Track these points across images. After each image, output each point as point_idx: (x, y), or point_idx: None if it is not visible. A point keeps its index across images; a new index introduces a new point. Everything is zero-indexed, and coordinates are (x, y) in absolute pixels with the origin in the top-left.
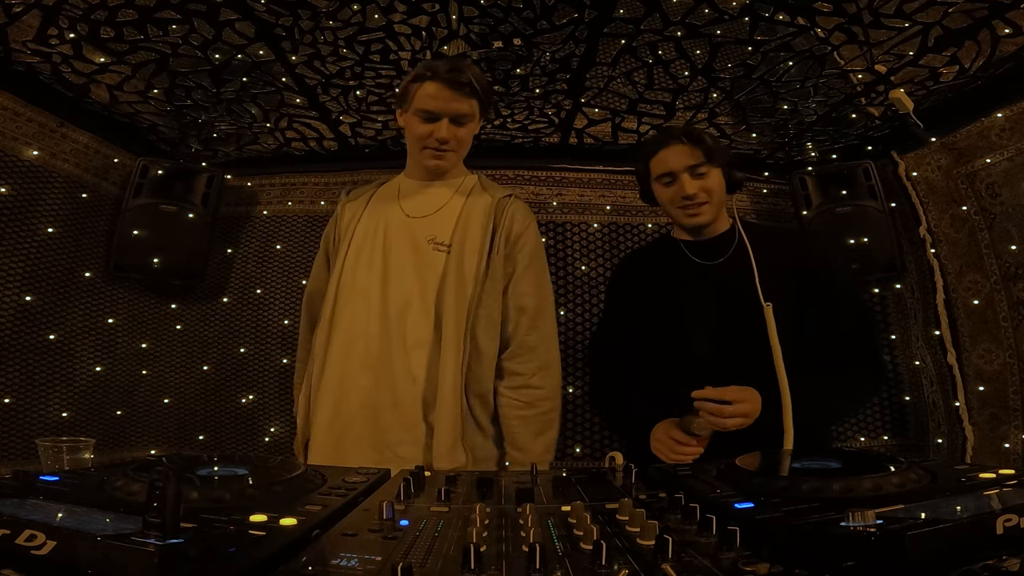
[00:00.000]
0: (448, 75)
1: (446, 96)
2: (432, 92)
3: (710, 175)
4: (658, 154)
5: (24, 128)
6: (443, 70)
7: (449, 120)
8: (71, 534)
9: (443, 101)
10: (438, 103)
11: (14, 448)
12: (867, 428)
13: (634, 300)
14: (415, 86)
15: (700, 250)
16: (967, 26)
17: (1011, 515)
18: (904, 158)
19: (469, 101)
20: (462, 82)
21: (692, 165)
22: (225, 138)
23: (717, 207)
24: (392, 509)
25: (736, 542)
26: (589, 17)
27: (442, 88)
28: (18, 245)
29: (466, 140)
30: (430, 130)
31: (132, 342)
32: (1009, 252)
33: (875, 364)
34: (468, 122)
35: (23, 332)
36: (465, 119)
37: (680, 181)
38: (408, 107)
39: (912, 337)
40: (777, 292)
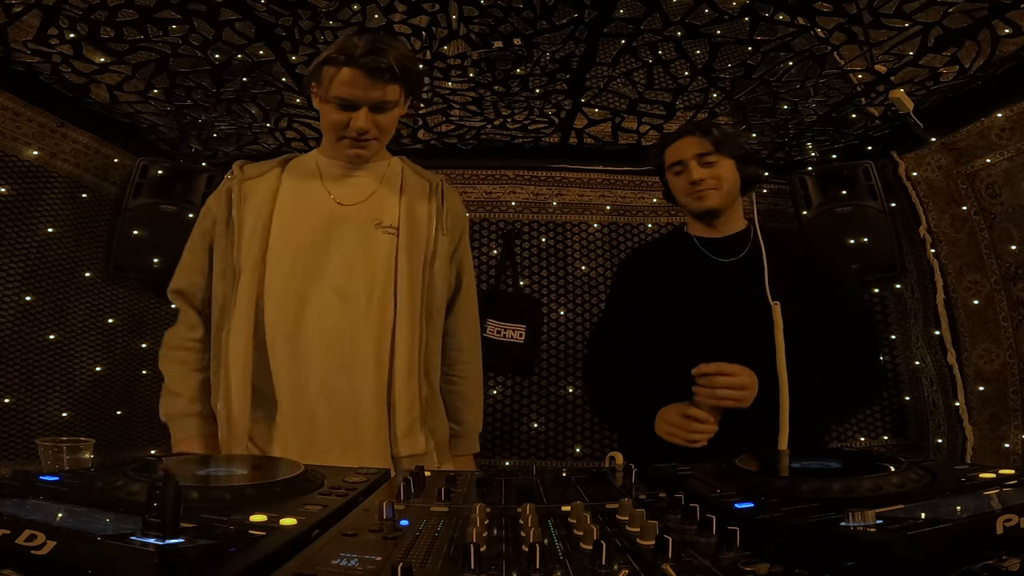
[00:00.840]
0: (364, 60)
1: (363, 84)
2: (347, 79)
3: (719, 164)
4: (672, 145)
5: (24, 128)
6: (359, 54)
7: (368, 108)
8: (71, 534)
9: (361, 89)
10: (355, 91)
11: (14, 448)
12: (867, 428)
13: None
14: (329, 70)
15: (713, 247)
16: (967, 26)
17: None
18: (904, 158)
19: (390, 87)
20: (381, 68)
21: (700, 153)
22: (225, 138)
23: (727, 196)
24: (392, 509)
25: (736, 542)
26: (589, 17)
27: (358, 75)
28: (18, 245)
29: (389, 127)
30: (347, 119)
31: (132, 342)
32: (1009, 252)
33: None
34: (391, 108)
35: (23, 332)
36: (387, 106)
37: (688, 168)
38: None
39: (912, 337)
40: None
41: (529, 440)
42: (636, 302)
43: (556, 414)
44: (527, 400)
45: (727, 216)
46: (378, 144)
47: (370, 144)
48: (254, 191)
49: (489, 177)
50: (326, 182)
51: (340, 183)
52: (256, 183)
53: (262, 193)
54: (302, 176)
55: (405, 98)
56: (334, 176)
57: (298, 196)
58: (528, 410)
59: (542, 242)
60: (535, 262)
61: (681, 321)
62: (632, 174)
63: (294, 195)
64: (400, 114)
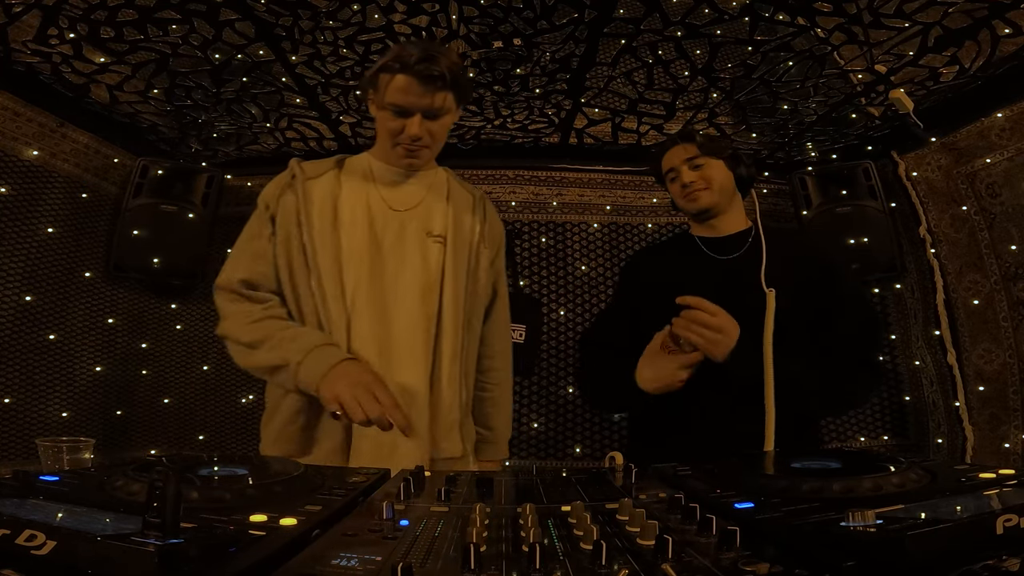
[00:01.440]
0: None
1: (417, 91)
2: (402, 86)
3: (708, 165)
4: (663, 156)
5: (24, 128)
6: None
7: (422, 115)
8: (71, 534)
9: (415, 96)
10: (409, 98)
11: (14, 448)
12: (867, 428)
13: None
14: (385, 77)
15: (714, 246)
16: (967, 26)
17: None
18: (904, 158)
19: (443, 95)
20: (434, 75)
21: (688, 158)
22: (225, 138)
23: (718, 195)
24: (392, 509)
25: (736, 542)
26: (589, 17)
27: (413, 82)
28: (18, 245)
29: (441, 135)
30: (401, 126)
31: (132, 342)
32: (1009, 252)
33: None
34: (443, 116)
35: (23, 332)
36: (439, 113)
37: (680, 173)
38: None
39: (912, 337)
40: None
41: (529, 440)
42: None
43: (556, 414)
44: (527, 400)
45: (727, 216)
46: (429, 152)
47: (422, 152)
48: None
49: (489, 177)
50: (380, 186)
51: (393, 188)
52: (316, 183)
53: (323, 195)
54: (358, 179)
55: (456, 105)
56: (387, 181)
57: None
58: (528, 410)
59: (542, 242)
60: (535, 262)
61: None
62: (632, 174)
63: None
64: (452, 121)
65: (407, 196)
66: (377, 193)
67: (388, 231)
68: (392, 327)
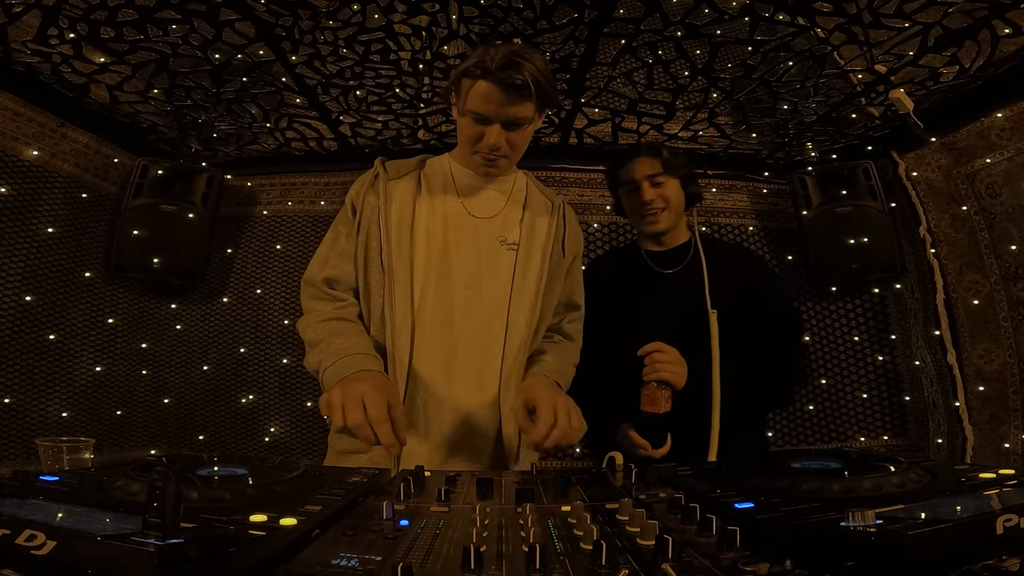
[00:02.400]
0: (502, 75)
1: (499, 99)
2: (484, 93)
3: (667, 184)
4: (625, 165)
5: (24, 128)
6: (497, 68)
7: (501, 125)
8: (71, 534)
9: (496, 105)
10: (490, 107)
11: (14, 448)
12: (867, 428)
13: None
14: (467, 82)
15: (659, 259)
16: (967, 26)
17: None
18: (904, 158)
19: (525, 104)
20: (517, 84)
21: (651, 174)
22: (225, 138)
23: (674, 215)
24: (392, 509)
25: (736, 542)
26: (589, 17)
27: (494, 90)
28: (18, 245)
29: (521, 145)
30: (481, 133)
31: (132, 342)
32: (1009, 252)
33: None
34: (524, 125)
35: (23, 332)
36: (520, 123)
37: (640, 189)
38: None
39: (912, 337)
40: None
41: None
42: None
43: None
44: None
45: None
46: (508, 162)
47: (499, 162)
48: (396, 193)
49: None
50: (459, 191)
51: (472, 194)
52: (398, 184)
53: (402, 196)
54: (438, 183)
55: (540, 114)
56: (466, 187)
57: (435, 204)
58: None
59: None
60: None
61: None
62: None
63: (432, 202)
64: (533, 130)
65: (485, 203)
66: (456, 198)
67: (463, 238)
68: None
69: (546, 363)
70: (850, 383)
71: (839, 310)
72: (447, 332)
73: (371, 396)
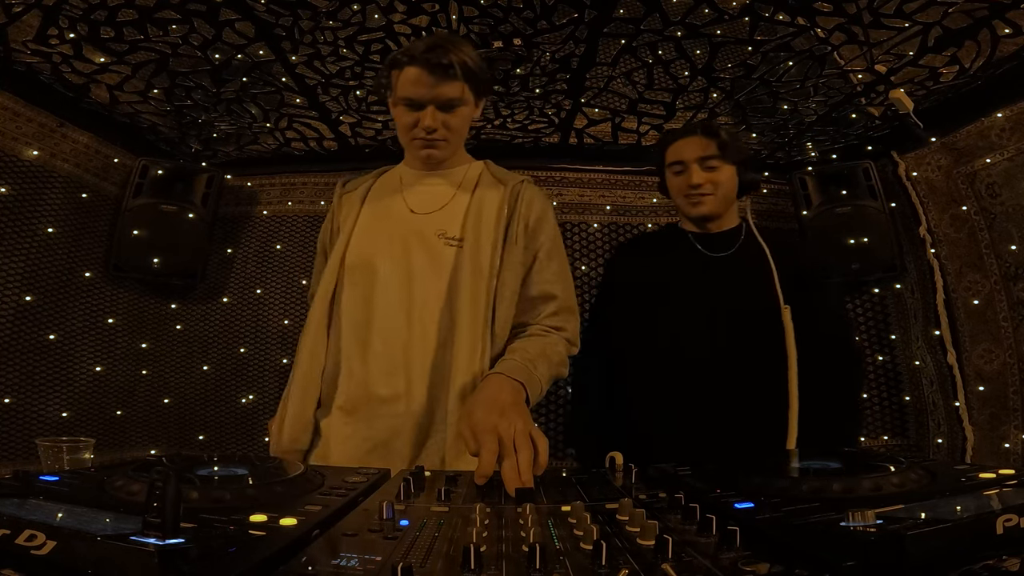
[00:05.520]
0: (428, 56)
1: (428, 81)
2: (413, 78)
3: (720, 170)
4: (674, 143)
5: (24, 128)
6: (422, 51)
7: (435, 107)
8: (71, 534)
9: (425, 87)
10: (419, 90)
11: (14, 448)
12: (867, 428)
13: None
14: (395, 72)
15: (707, 242)
16: (967, 26)
17: (1011, 515)
18: (904, 158)
19: (456, 84)
20: (443, 64)
21: (703, 156)
22: (225, 138)
23: (722, 201)
24: (392, 509)
25: (736, 542)
26: (589, 17)
27: (422, 73)
28: (18, 245)
29: (460, 127)
30: (415, 119)
31: (132, 342)
32: (1009, 252)
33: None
34: (459, 106)
35: (23, 332)
36: (454, 104)
37: (689, 171)
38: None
39: (912, 337)
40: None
41: None
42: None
43: (556, 414)
44: None
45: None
46: (448, 145)
47: (439, 144)
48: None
49: None
50: (405, 191)
51: (417, 191)
52: (352, 196)
53: (352, 205)
54: (385, 185)
55: (476, 98)
56: (412, 183)
57: (377, 207)
58: None
59: None
60: None
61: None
62: (632, 174)
63: (374, 206)
64: (471, 114)
65: (430, 198)
66: (401, 199)
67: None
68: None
69: (507, 361)
70: None
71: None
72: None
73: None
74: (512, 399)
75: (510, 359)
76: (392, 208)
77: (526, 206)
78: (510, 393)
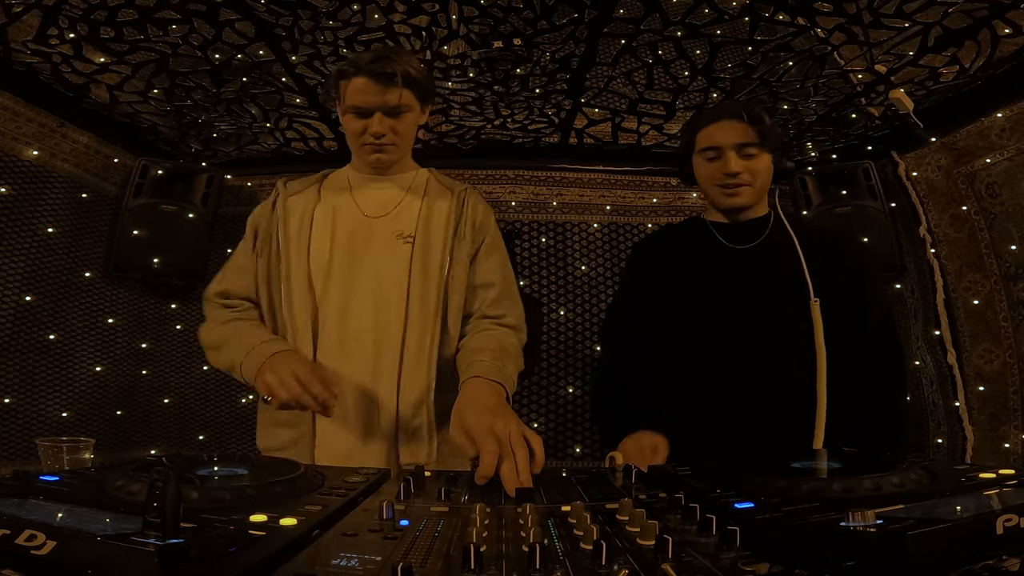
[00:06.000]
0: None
1: (373, 90)
2: (359, 87)
3: (759, 158)
4: (708, 127)
5: (24, 128)
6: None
7: (382, 113)
8: (71, 534)
9: (371, 95)
10: (367, 98)
11: (14, 448)
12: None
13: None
14: (343, 83)
15: (731, 233)
16: (967, 26)
17: (1011, 515)
18: (904, 158)
19: (401, 91)
20: (388, 73)
21: (742, 143)
22: (225, 138)
23: (759, 192)
24: (392, 509)
25: (736, 542)
26: (589, 17)
27: (368, 82)
28: (18, 245)
29: (406, 133)
30: (363, 126)
31: (132, 342)
32: (1009, 252)
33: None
34: (404, 112)
35: (23, 332)
36: (400, 111)
37: (725, 158)
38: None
39: (912, 337)
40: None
41: None
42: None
43: (556, 414)
44: (527, 400)
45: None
46: (396, 150)
47: (388, 149)
48: (295, 207)
49: (489, 177)
50: (355, 194)
51: (367, 195)
52: (297, 199)
53: (302, 209)
54: (335, 190)
55: (420, 105)
56: (362, 189)
57: (331, 210)
58: (528, 410)
59: (542, 242)
60: (535, 262)
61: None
62: (632, 174)
63: (327, 209)
64: (417, 120)
65: (382, 201)
66: (352, 201)
67: (357, 238)
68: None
69: (479, 364)
70: None
71: None
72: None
73: (302, 367)
74: (497, 400)
75: (479, 361)
76: (345, 211)
77: (472, 208)
78: (494, 395)
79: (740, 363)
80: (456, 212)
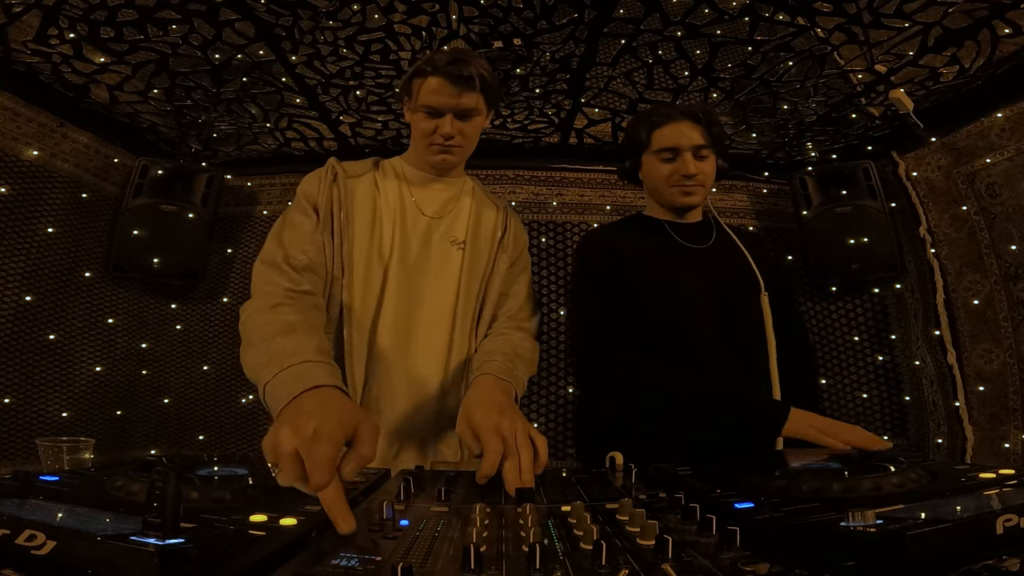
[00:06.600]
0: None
1: (449, 91)
2: (434, 87)
3: (709, 159)
4: (664, 127)
5: (24, 128)
6: (444, 63)
7: (454, 115)
8: (71, 534)
9: (446, 96)
10: (441, 99)
11: (14, 448)
12: (867, 428)
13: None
14: (418, 81)
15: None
16: (967, 26)
17: (1011, 515)
18: (904, 158)
19: (474, 95)
20: (465, 76)
21: (698, 146)
22: (225, 138)
23: (707, 192)
24: (392, 509)
25: (736, 542)
26: (589, 17)
27: (444, 83)
28: (18, 245)
29: (473, 136)
30: (434, 126)
31: (132, 342)
32: (1009, 252)
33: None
34: (474, 116)
35: (23, 332)
36: (471, 114)
37: (683, 159)
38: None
39: (912, 337)
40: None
41: None
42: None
43: (556, 414)
44: (527, 400)
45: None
46: (462, 152)
47: (454, 151)
48: (356, 191)
49: (489, 177)
50: (413, 191)
51: (426, 194)
52: (359, 182)
53: (364, 194)
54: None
55: (487, 109)
56: (419, 186)
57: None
58: (528, 410)
59: (542, 242)
60: (535, 262)
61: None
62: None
63: (391, 200)
64: (482, 125)
65: (437, 202)
66: (411, 198)
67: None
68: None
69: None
70: (850, 383)
71: (839, 310)
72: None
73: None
74: (506, 399)
75: (491, 361)
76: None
77: (515, 225)
78: (503, 393)
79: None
80: (503, 224)
